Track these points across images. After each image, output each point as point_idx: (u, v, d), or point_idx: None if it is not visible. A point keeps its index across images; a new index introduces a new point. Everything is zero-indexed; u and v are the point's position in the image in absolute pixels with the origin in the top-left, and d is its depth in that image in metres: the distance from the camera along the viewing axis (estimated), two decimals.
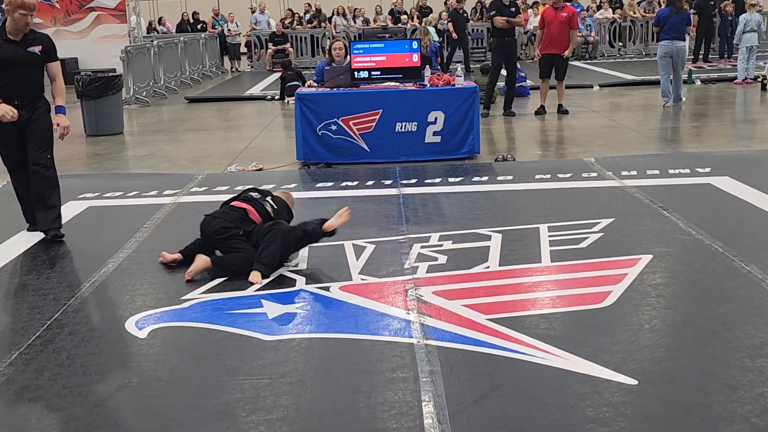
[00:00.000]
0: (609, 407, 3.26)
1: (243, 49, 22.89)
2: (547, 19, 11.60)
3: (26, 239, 6.00)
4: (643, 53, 21.66)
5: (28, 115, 5.91)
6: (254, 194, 5.60)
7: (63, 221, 6.42)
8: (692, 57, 18.15)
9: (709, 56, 19.48)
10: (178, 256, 5.31)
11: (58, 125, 6.00)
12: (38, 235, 6.07)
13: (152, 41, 17.45)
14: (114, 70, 14.25)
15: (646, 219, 6.01)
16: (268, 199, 5.56)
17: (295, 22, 23.29)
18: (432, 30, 17.67)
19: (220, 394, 3.48)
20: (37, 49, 5.88)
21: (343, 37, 17.42)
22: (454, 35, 18.73)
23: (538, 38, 12.28)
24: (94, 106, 11.38)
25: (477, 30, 22.15)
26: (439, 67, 15.77)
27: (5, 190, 7.84)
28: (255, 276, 4.91)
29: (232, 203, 5.49)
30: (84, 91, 11.37)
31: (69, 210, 6.80)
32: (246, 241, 5.18)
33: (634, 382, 3.47)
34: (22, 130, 5.92)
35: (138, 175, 8.56)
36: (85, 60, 18.96)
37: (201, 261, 5.03)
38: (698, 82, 14.91)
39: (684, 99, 12.40)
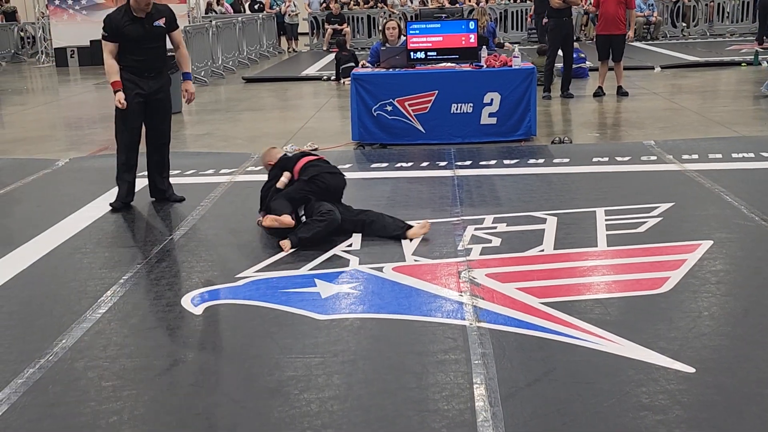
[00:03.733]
0: (665, 395, 3.20)
1: (304, 29, 22.87)
2: None
3: (87, 216, 6.14)
4: (707, 34, 21.09)
5: (156, 86, 6.26)
6: (295, 151, 6.01)
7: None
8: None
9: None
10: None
11: (186, 91, 6.43)
12: (97, 212, 6.21)
13: (210, 21, 17.61)
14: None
15: (708, 204, 5.87)
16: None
17: (352, 2, 23.25)
18: None
19: (273, 372, 3.52)
20: (161, 21, 6.19)
21: (399, 18, 17.32)
22: None
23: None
24: None
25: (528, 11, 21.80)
26: (495, 48, 15.59)
27: (69, 167, 8.05)
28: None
29: (308, 158, 5.73)
30: None
31: None
32: None
33: (692, 369, 3.39)
34: (147, 101, 6.23)
35: (195, 153, 8.67)
36: None
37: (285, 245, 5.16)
38: (765, 64, 14.47)
39: None
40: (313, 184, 5.51)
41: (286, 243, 5.15)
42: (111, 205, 6.34)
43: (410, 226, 5.32)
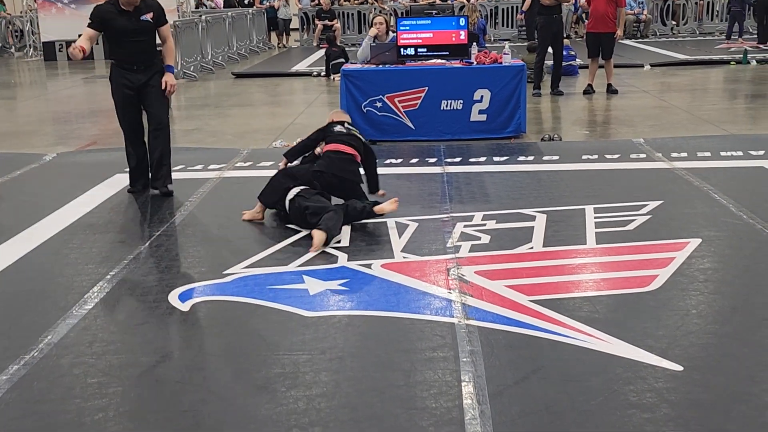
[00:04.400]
0: (653, 393, 3.20)
1: (294, 25, 22.76)
2: None
3: (74, 211, 6.09)
4: (697, 32, 21.13)
5: (145, 78, 6.33)
6: (341, 129, 5.90)
7: (112, 194, 6.57)
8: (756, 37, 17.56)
9: None
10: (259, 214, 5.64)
11: (165, 82, 6.38)
12: (85, 207, 6.17)
13: (200, 16, 17.53)
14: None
15: (696, 202, 5.88)
16: (352, 130, 5.96)
17: None
18: None
19: (260, 369, 3.50)
20: (149, 16, 6.26)
21: (388, 14, 17.24)
22: None
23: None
24: None
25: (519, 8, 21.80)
26: (486, 45, 15.59)
27: (56, 161, 8.00)
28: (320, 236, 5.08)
29: (337, 146, 5.73)
30: None
31: (117, 183, 6.90)
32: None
33: (680, 368, 3.40)
34: (138, 93, 6.34)
35: (184, 149, 8.61)
36: None
37: (320, 237, 5.05)
38: (753, 63, 14.52)
39: None
40: (315, 178, 5.62)
41: (321, 236, 5.07)
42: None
43: (377, 203, 5.49)
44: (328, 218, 5.16)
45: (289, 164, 5.92)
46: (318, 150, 5.86)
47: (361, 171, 5.89)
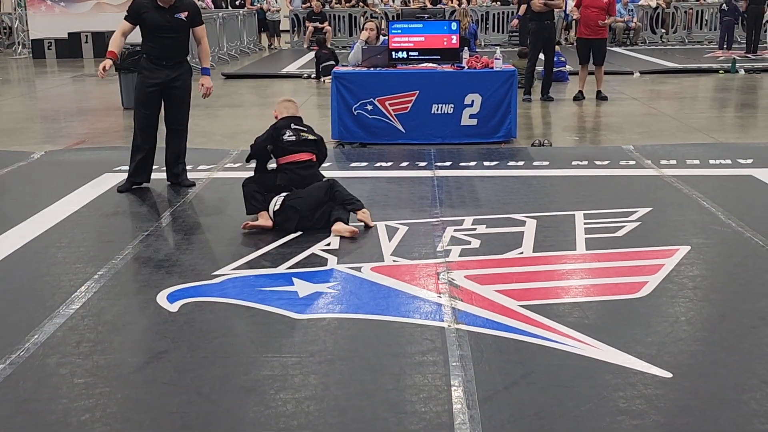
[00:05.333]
0: (642, 399, 3.20)
1: (285, 27, 22.73)
2: (585, 2, 11.37)
3: (62, 210, 6.05)
4: (686, 41, 21.25)
5: (173, 75, 6.46)
6: (291, 137, 5.71)
7: (100, 193, 6.53)
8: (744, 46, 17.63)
9: (758, 47, 17.68)
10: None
11: (202, 85, 6.60)
12: (73, 206, 6.13)
13: None
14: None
15: (685, 209, 5.90)
16: (301, 131, 5.77)
17: (333, 0, 23.17)
18: None
19: (249, 371, 3.48)
20: (183, 15, 6.40)
21: (379, 17, 17.23)
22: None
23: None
24: (132, 79, 11.37)
25: (515, 12, 21.86)
26: (477, 50, 15.61)
27: (44, 160, 7.95)
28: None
29: (291, 158, 5.65)
30: (122, 65, 11.40)
31: (106, 182, 6.87)
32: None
33: (669, 374, 3.40)
34: (163, 89, 6.46)
35: None
36: None
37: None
38: (742, 72, 14.61)
39: None
40: (283, 190, 5.58)
41: (344, 227, 5.32)
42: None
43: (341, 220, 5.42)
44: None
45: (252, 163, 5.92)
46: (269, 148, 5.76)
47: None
